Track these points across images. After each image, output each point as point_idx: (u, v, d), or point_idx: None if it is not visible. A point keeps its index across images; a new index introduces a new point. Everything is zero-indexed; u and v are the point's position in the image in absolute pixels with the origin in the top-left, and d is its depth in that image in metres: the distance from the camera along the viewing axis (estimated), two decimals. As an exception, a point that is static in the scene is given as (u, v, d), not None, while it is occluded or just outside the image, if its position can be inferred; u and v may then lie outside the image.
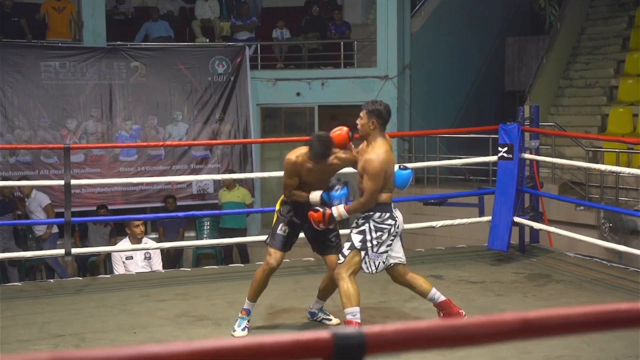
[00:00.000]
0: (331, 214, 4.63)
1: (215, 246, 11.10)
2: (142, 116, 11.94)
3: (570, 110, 12.20)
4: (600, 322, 1.29)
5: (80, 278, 7.41)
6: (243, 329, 4.88)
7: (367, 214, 4.63)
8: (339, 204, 4.66)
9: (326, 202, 4.67)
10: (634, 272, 6.14)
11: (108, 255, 9.72)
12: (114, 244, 9.28)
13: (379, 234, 4.59)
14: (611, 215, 8.69)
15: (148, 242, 7.44)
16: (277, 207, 4.95)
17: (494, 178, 8.27)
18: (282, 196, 4.93)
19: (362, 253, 4.58)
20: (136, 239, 7.29)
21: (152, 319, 5.23)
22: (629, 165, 9.69)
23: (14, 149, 11.17)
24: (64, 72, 11.49)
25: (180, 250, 10.80)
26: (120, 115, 11.81)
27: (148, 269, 7.23)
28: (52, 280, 6.96)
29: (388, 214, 4.63)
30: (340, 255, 4.63)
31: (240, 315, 4.88)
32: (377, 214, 4.61)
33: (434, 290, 4.75)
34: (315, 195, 4.69)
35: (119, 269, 7.31)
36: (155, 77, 11.91)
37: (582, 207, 9.55)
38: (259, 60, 12.93)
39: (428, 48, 13.52)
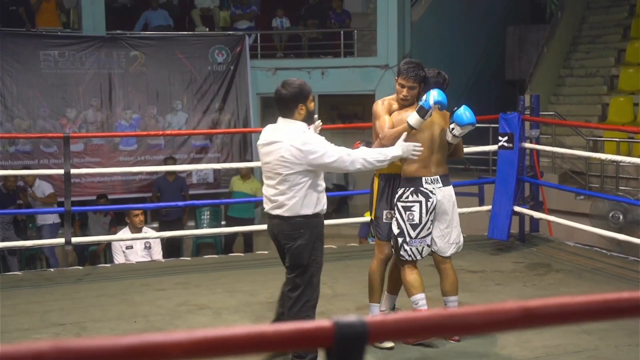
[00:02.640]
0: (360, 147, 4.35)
1: (216, 235, 11.10)
2: (141, 105, 11.93)
3: (571, 99, 12.18)
4: (601, 311, 1.29)
5: (81, 267, 7.41)
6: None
7: (396, 194, 4.37)
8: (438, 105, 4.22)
9: (424, 111, 4.18)
10: (634, 262, 6.15)
11: (108, 245, 9.72)
12: (114, 233, 9.28)
13: (408, 214, 4.28)
14: (628, 206, 8.60)
15: (148, 232, 7.45)
16: (374, 194, 4.55)
17: (494, 167, 8.27)
18: (376, 180, 4.55)
19: (400, 240, 4.33)
20: (136, 229, 7.30)
21: (152, 308, 5.23)
22: (629, 155, 9.69)
23: (14, 138, 11.16)
24: (63, 61, 11.46)
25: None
26: (120, 104, 11.80)
27: (148, 258, 7.24)
28: (52, 270, 6.98)
29: (412, 189, 4.29)
30: (392, 248, 4.45)
31: None
32: (400, 191, 4.33)
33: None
34: (413, 116, 4.20)
35: (119, 259, 7.32)
36: (155, 67, 11.89)
37: (582, 197, 9.56)
38: (259, 50, 12.90)
39: (428, 37, 13.49)
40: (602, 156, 7.49)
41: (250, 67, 12.31)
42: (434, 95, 4.20)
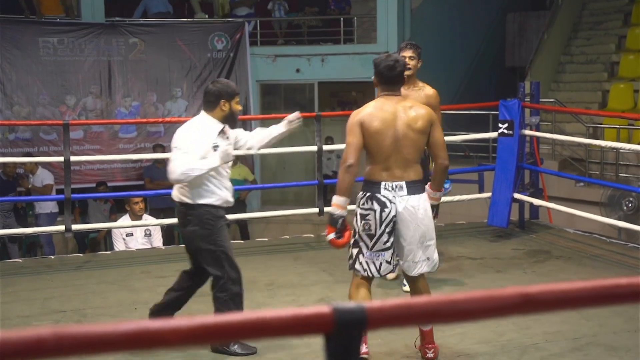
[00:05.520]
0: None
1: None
2: (141, 93, 11.90)
3: (571, 86, 12.15)
4: (600, 297, 1.29)
5: (81, 255, 7.42)
6: None
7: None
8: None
9: None
10: (634, 248, 6.16)
11: (108, 232, 9.72)
12: (114, 220, 9.29)
13: (364, 223, 3.69)
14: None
15: (148, 219, 7.45)
16: None
17: (494, 154, 8.27)
18: None
19: (355, 251, 3.76)
20: (136, 216, 7.30)
21: (152, 295, 5.23)
22: (629, 142, 9.68)
23: (13, 125, 11.14)
24: (62, 49, 11.43)
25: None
26: (119, 91, 11.77)
27: (148, 246, 7.25)
28: (52, 257, 6.98)
29: (368, 194, 3.70)
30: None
31: None
32: (360, 195, 3.76)
33: None
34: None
35: (119, 246, 7.33)
36: (154, 54, 11.86)
37: (582, 184, 9.56)
38: (259, 37, 12.86)
39: (428, 24, 13.44)
40: (602, 143, 7.48)
41: (249, 54, 12.27)
42: None
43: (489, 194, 6.89)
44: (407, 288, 4.89)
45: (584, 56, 12.40)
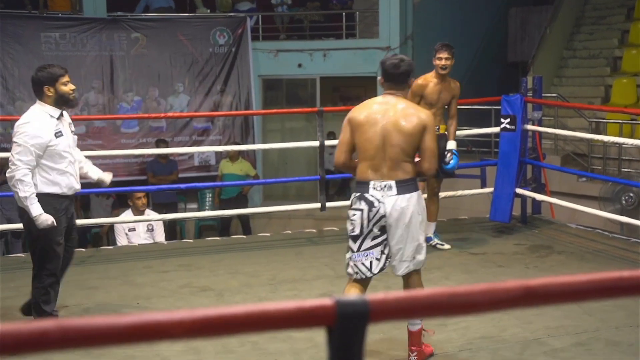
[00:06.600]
0: None
1: (217, 218, 11.11)
2: (143, 88, 11.91)
3: (574, 81, 12.13)
4: (602, 290, 1.30)
5: (83, 250, 7.43)
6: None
7: None
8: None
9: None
10: (636, 243, 6.16)
11: (111, 227, 9.72)
12: (117, 215, 9.29)
13: (349, 225, 3.70)
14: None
15: (151, 214, 7.46)
16: None
17: (496, 149, 8.26)
18: None
19: (348, 255, 3.74)
20: (138, 211, 7.31)
21: (155, 290, 5.25)
22: (632, 136, 9.67)
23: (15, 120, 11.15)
24: (64, 43, 11.43)
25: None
26: (121, 87, 11.78)
27: (151, 241, 7.26)
28: (55, 252, 6.98)
29: (357, 194, 3.68)
30: None
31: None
32: (352, 196, 3.76)
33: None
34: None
35: (121, 241, 7.33)
36: (156, 49, 11.86)
37: (584, 179, 9.55)
38: (260, 31, 12.85)
39: (430, 18, 13.42)
40: (605, 138, 7.48)
41: (251, 49, 12.27)
42: None
43: (491, 189, 6.89)
44: (446, 246, 6.16)
45: (586, 51, 12.38)
